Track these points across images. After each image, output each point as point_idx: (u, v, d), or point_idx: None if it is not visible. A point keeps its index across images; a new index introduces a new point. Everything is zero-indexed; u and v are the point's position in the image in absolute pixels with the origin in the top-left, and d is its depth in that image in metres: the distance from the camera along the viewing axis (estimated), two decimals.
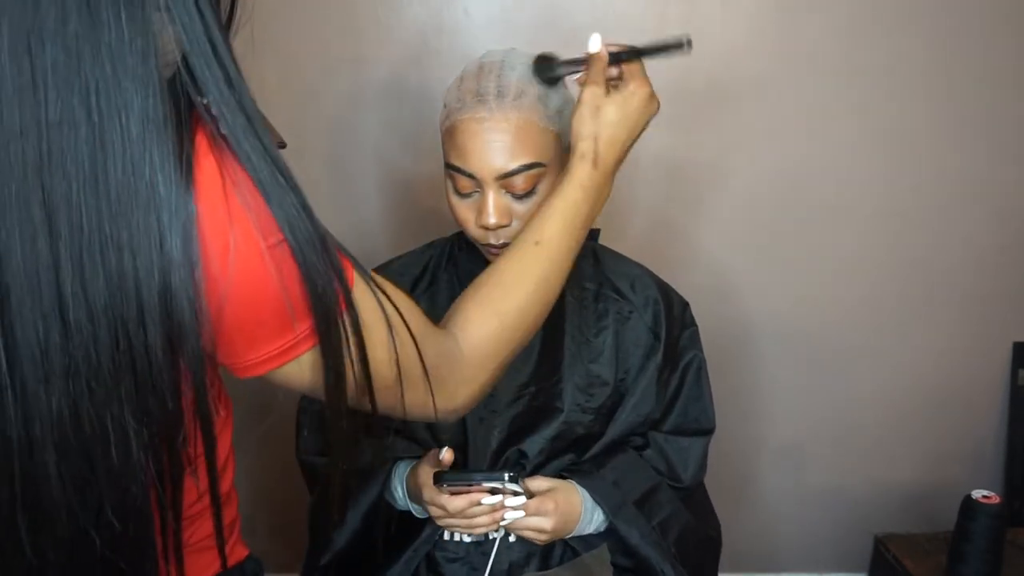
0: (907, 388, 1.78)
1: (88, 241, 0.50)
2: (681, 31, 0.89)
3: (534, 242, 0.82)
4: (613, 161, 0.87)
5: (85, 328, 0.51)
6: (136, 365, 0.52)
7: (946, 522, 1.61)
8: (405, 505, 1.07)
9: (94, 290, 0.50)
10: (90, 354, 0.51)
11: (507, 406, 1.07)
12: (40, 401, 0.51)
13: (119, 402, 0.52)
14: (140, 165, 0.50)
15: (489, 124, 0.95)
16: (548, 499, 1.00)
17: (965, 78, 1.62)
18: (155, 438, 0.55)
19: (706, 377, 1.16)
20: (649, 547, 1.04)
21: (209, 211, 0.53)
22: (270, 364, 0.60)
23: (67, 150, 0.49)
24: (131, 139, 0.50)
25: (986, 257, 1.71)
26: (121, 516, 0.55)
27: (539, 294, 0.81)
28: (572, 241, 0.84)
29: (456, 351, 0.74)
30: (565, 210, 0.84)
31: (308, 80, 1.57)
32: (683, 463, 1.13)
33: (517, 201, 0.98)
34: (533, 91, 0.96)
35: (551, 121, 0.97)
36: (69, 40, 0.49)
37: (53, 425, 0.52)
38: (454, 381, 0.74)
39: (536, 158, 0.96)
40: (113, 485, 0.54)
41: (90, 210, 0.50)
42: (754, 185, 1.66)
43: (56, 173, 0.49)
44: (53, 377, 0.51)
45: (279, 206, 0.55)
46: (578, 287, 1.11)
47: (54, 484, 0.53)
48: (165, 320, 0.52)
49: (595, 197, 0.86)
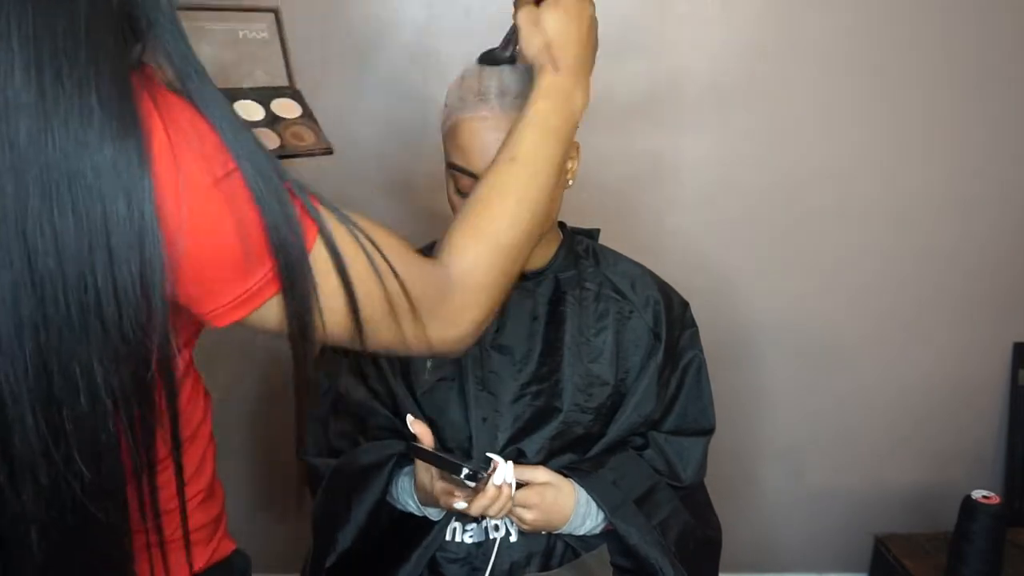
0: (907, 388, 1.78)
1: (56, 184, 0.50)
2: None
3: (509, 159, 0.79)
4: (574, 60, 0.84)
5: (54, 273, 0.51)
6: (105, 311, 0.52)
7: (946, 522, 1.61)
8: (420, 512, 1.07)
9: (62, 234, 0.50)
10: (58, 299, 0.51)
11: (509, 405, 1.07)
12: (13, 349, 0.51)
13: (86, 348, 0.52)
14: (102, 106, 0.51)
15: (491, 123, 0.95)
16: (535, 493, 1.01)
17: (966, 78, 1.62)
18: (125, 385, 0.55)
19: (706, 377, 1.17)
20: (649, 546, 1.04)
21: (159, 153, 0.53)
22: (239, 311, 0.59)
23: (33, 95, 0.50)
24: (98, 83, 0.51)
25: (986, 257, 1.71)
26: (93, 464, 0.55)
27: (522, 210, 0.78)
28: (549, 152, 0.81)
29: (445, 278, 0.72)
30: (535, 122, 0.81)
31: (308, 80, 1.57)
32: (683, 463, 1.13)
33: None
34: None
35: None
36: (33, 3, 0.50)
37: (27, 374, 0.52)
38: (451, 308, 0.72)
39: None
40: (82, 432, 0.54)
41: (58, 152, 0.50)
42: (754, 185, 1.66)
43: (22, 116, 0.50)
44: (25, 324, 0.51)
45: (234, 139, 0.56)
46: (578, 287, 1.11)
47: (29, 432, 0.53)
48: (137, 262, 0.52)
49: (564, 102, 0.83)
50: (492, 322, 1.08)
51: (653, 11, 1.56)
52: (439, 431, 1.09)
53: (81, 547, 0.58)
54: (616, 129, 1.60)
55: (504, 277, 0.76)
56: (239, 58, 1.06)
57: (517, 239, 0.77)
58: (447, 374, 1.09)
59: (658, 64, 1.58)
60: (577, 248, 1.14)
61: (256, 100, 1.06)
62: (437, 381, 1.09)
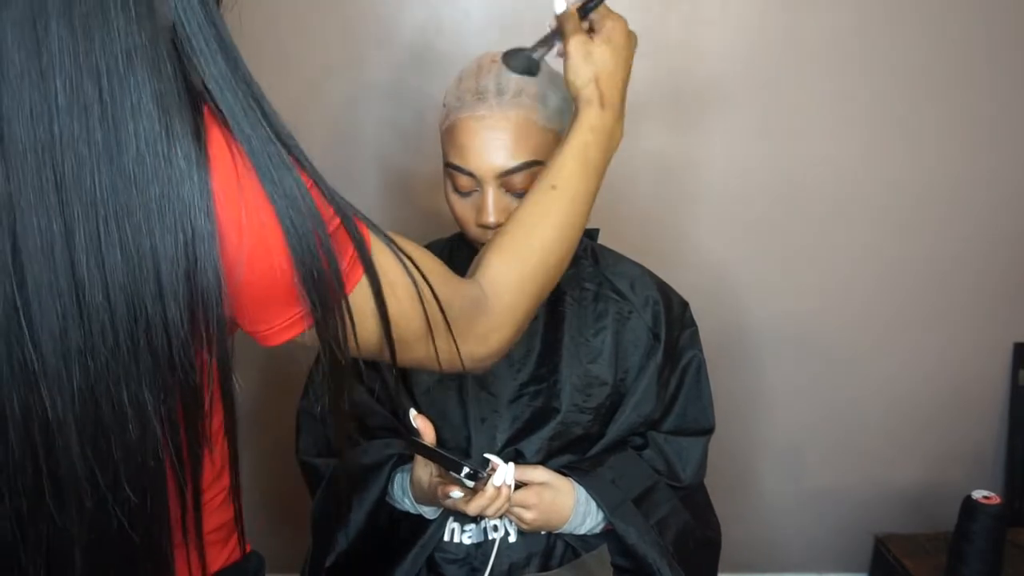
0: (907, 388, 1.78)
1: (104, 220, 0.50)
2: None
3: (551, 186, 0.82)
4: (618, 98, 0.87)
5: (101, 306, 0.51)
6: (154, 341, 0.53)
7: (946, 522, 1.61)
8: (415, 510, 1.07)
9: (111, 268, 0.51)
10: (106, 331, 0.52)
11: (508, 406, 1.07)
12: (61, 379, 0.52)
13: (136, 378, 0.53)
14: (154, 143, 0.51)
15: (489, 122, 0.95)
16: (533, 494, 1.01)
17: (967, 78, 1.61)
18: (172, 413, 0.55)
19: (706, 377, 1.16)
20: (647, 546, 1.04)
21: (222, 185, 0.54)
22: (285, 334, 0.61)
23: (79, 132, 0.50)
24: (144, 118, 0.51)
25: (987, 257, 1.71)
26: (138, 490, 0.56)
27: (559, 237, 0.82)
28: (588, 184, 0.85)
29: (482, 298, 0.75)
30: (578, 153, 0.84)
31: (308, 80, 1.57)
32: (683, 463, 1.13)
33: (517, 199, 0.98)
34: (532, 90, 0.96)
35: (550, 120, 0.97)
36: (76, 22, 0.49)
37: (74, 402, 0.52)
38: (484, 328, 0.75)
39: (536, 156, 0.96)
40: (130, 460, 0.55)
41: (104, 190, 0.50)
42: (754, 185, 1.66)
43: (67, 155, 0.50)
44: (72, 354, 0.52)
45: (272, 184, 0.56)
46: (577, 287, 1.11)
47: (76, 458, 0.53)
48: (187, 293, 0.53)
49: (606, 139, 0.87)
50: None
51: (653, 11, 1.56)
52: (437, 431, 1.09)
53: (123, 568, 0.59)
54: None
55: (535, 300, 0.80)
56: None
57: (551, 264, 0.81)
58: (446, 374, 1.09)
59: (660, 64, 1.58)
60: (576, 248, 1.14)
61: None
62: (436, 382, 1.09)
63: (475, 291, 0.75)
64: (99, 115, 0.50)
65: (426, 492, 1.00)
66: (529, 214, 0.81)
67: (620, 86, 0.88)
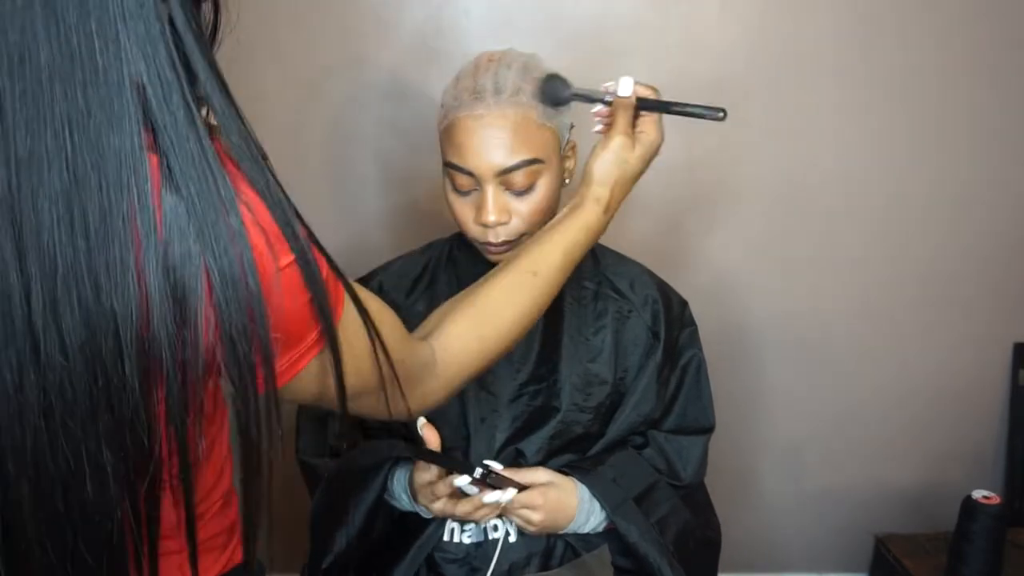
0: (907, 388, 1.78)
1: (63, 277, 0.48)
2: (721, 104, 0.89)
3: (532, 272, 0.83)
4: (617, 205, 0.90)
5: (59, 364, 0.49)
6: (113, 401, 0.51)
7: (946, 522, 1.61)
8: (411, 507, 1.07)
9: (69, 326, 0.49)
10: (65, 390, 0.50)
11: (507, 405, 1.07)
12: (14, 436, 0.50)
13: (95, 438, 0.51)
14: (117, 201, 0.48)
15: (487, 120, 0.95)
16: (539, 494, 1.01)
17: (969, 79, 1.61)
18: (131, 472, 0.53)
19: (706, 376, 1.17)
20: (647, 545, 1.04)
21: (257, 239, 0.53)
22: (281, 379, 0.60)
23: (38, 185, 0.47)
24: (107, 174, 0.48)
25: (987, 258, 1.71)
26: (94, 552, 0.54)
27: (523, 323, 0.82)
28: (564, 277, 0.86)
29: (431, 363, 0.75)
30: (568, 248, 0.85)
31: (308, 80, 1.57)
32: (683, 462, 1.13)
33: (516, 198, 0.98)
34: (529, 88, 0.96)
35: (548, 118, 0.98)
36: (39, 72, 0.47)
37: (27, 461, 0.50)
38: (425, 389, 0.76)
39: (534, 154, 0.96)
40: (86, 520, 0.53)
41: (64, 247, 0.48)
42: (754, 186, 1.66)
43: (26, 208, 0.47)
44: (27, 412, 0.50)
45: (285, 222, 0.55)
46: (577, 286, 1.11)
47: (27, 519, 0.51)
48: (142, 356, 0.50)
49: (595, 237, 0.89)
50: None
51: (653, 11, 1.56)
52: (438, 430, 1.09)
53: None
54: None
55: (482, 370, 0.81)
56: None
57: (506, 346, 0.82)
58: None
59: (660, 64, 1.58)
60: None
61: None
62: None
63: (426, 354, 0.75)
64: (59, 169, 0.47)
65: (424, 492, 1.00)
66: (502, 292, 0.81)
67: (624, 195, 0.90)
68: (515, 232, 0.99)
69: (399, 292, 1.14)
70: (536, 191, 0.98)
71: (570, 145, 1.04)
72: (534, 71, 0.98)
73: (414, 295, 1.13)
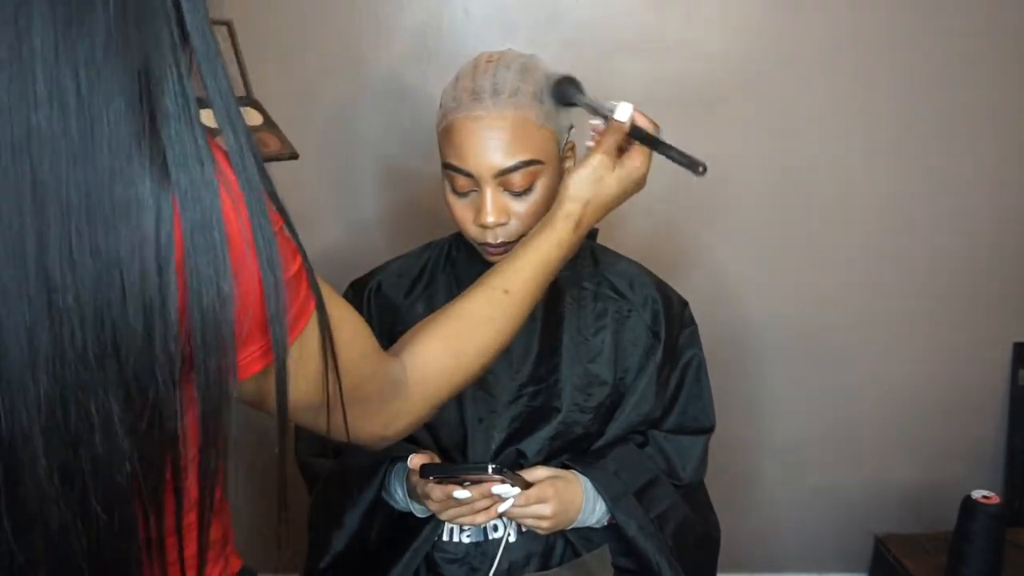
0: (907, 388, 1.78)
1: (77, 219, 0.49)
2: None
3: (503, 290, 0.82)
4: (591, 225, 0.89)
5: (72, 308, 0.49)
6: (120, 347, 0.51)
7: (946, 522, 1.61)
8: (406, 506, 1.07)
9: (82, 269, 0.49)
10: (76, 336, 0.50)
11: (506, 406, 1.07)
12: (27, 389, 0.50)
13: (103, 386, 0.51)
14: (125, 145, 0.50)
15: (486, 122, 0.95)
16: (548, 486, 1.00)
17: (967, 78, 1.61)
18: (139, 424, 0.53)
19: (706, 376, 1.16)
20: (646, 540, 1.04)
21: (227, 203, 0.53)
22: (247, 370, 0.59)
23: (56, 126, 0.48)
24: (118, 118, 0.49)
25: (987, 258, 1.71)
26: (107, 506, 0.54)
27: (497, 341, 0.82)
28: (538, 293, 0.86)
29: (401, 382, 0.74)
30: (539, 265, 0.85)
31: (308, 80, 1.57)
32: (683, 462, 1.13)
33: (515, 199, 0.98)
34: (528, 89, 0.96)
35: (547, 119, 0.97)
36: (59, 23, 0.48)
37: (40, 413, 0.50)
38: (395, 410, 0.74)
39: (533, 155, 0.96)
40: (98, 474, 0.53)
41: (79, 187, 0.49)
42: (754, 185, 1.66)
43: (45, 149, 0.48)
44: (39, 362, 0.50)
45: (260, 227, 0.55)
46: (577, 287, 1.11)
47: (42, 475, 0.51)
48: (144, 301, 0.51)
49: (568, 254, 0.88)
50: None
51: (653, 11, 1.56)
52: (435, 431, 1.09)
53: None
54: None
55: (453, 393, 0.80)
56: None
57: (481, 366, 0.81)
58: None
59: (659, 64, 1.58)
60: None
61: None
62: None
63: (397, 373, 0.74)
64: (76, 111, 0.48)
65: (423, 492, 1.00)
66: (474, 313, 0.81)
67: (599, 217, 0.90)
68: (514, 233, 0.99)
69: (398, 292, 1.14)
70: (535, 192, 0.98)
71: (569, 146, 1.04)
72: (534, 72, 0.98)
73: (413, 295, 1.13)
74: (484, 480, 0.94)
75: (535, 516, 1.00)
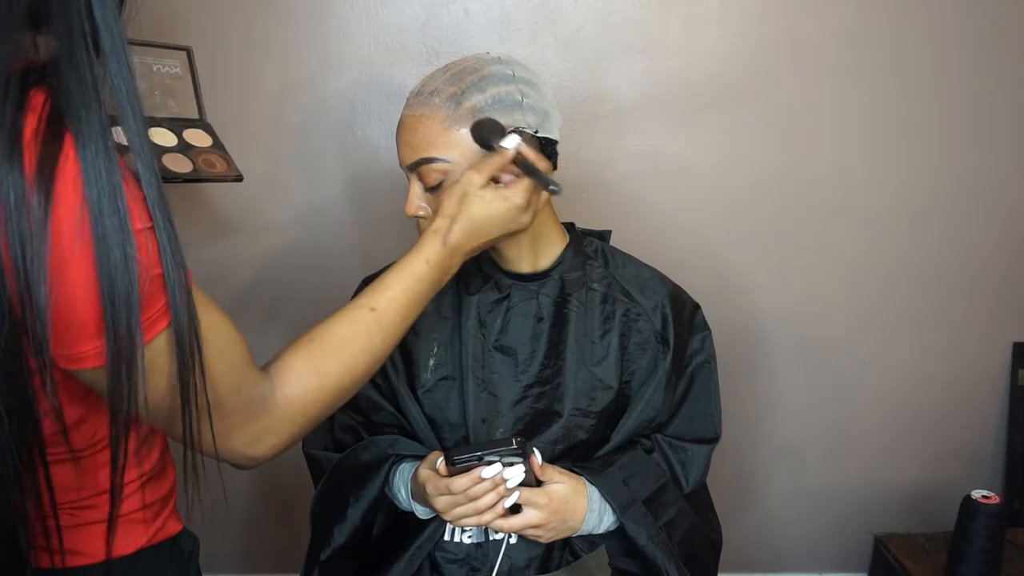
0: (907, 388, 1.78)
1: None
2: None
3: (370, 308, 0.82)
4: (463, 247, 0.90)
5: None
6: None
7: (946, 522, 1.61)
8: (408, 506, 1.06)
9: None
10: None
11: (510, 408, 1.07)
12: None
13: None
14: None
15: (406, 120, 1.00)
16: (542, 493, 0.99)
17: (969, 78, 1.62)
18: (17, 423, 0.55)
19: (715, 383, 1.16)
20: (656, 548, 1.04)
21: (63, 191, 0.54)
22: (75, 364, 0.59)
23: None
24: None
25: (987, 258, 1.72)
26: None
27: (365, 361, 0.81)
28: (407, 314, 0.85)
29: (268, 399, 0.73)
30: (407, 280, 0.85)
31: (308, 80, 1.57)
32: (685, 470, 1.13)
33: (430, 194, 1.01)
34: (450, 91, 0.97)
35: (460, 119, 0.96)
36: None
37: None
38: (260, 428, 0.73)
39: (437, 153, 0.97)
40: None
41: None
42: (756, 186, 1.66)
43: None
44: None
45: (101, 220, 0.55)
46: (584, 288, 1.11)
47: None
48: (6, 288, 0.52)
49: (439, 273, 0.88)
50: (496, 322, 1.08)
51: (653, 11, 1.56)
52: (438, 430, 1.09)
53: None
54: (619, 129, 1.60)
55: (323, 415, 0.78)
56: (151, 88, 1.14)
57: (351, 384, 0.80)
58: (448, 373, 1.09)
59: (660, 64, 1.58)
60: (586, 249, 1.14)
61: (169, 128, 1.14)
62: (438, 380, 1.09)
63: (264, 389, 0.73)
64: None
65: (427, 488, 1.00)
66: (339, 330, 0.80)
67: (471, 242, 0.90)
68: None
69: None
70: (444, 190, 0.98)
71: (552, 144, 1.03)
72: (473, 77, 0.98)
73: None
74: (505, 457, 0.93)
75: (523, 524, 0.99)
